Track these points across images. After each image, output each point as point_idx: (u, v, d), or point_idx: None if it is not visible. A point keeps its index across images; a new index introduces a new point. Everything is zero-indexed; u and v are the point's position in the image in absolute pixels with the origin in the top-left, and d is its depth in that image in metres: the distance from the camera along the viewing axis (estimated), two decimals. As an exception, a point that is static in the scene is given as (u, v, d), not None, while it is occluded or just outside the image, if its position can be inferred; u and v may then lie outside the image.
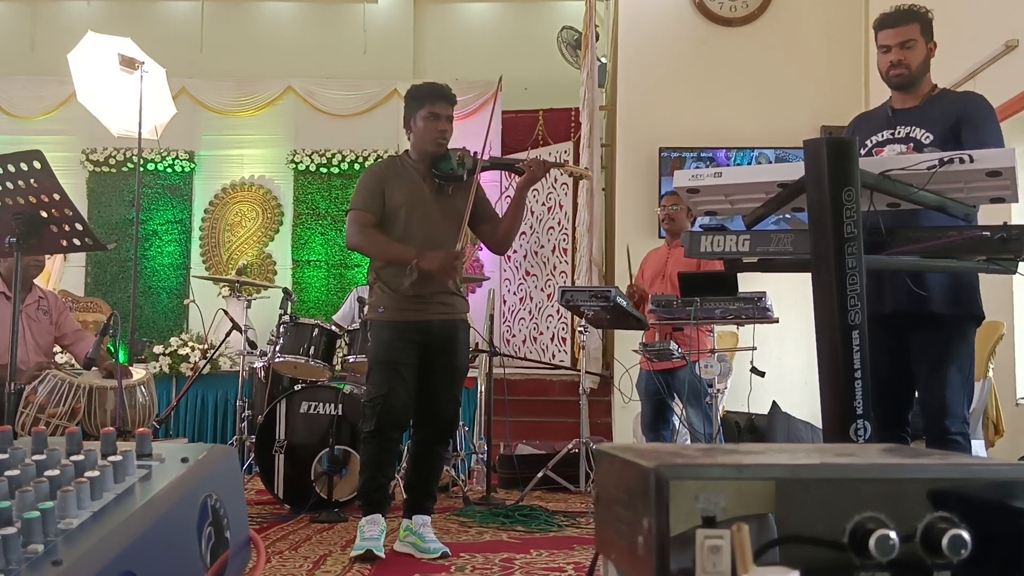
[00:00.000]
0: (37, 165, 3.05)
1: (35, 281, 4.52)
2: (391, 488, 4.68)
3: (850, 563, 1.06)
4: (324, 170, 9.34)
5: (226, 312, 5.67)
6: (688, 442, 4.88)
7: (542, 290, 8.46)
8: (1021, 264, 2.41)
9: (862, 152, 3.06)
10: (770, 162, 6.95)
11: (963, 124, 2.97)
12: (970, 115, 3.00)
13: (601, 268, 7.46)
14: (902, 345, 3.04)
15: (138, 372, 4.45)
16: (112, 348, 4.23)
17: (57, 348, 4.76)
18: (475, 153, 3.54)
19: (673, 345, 4.60)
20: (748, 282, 4.23)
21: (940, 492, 1.09)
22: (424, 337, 3.42)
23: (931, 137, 2.99)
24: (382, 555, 3.21)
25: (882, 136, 3.10)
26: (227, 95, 9.43)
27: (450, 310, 3.48)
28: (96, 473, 1.24)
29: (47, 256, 4.59)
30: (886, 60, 3.09)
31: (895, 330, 3.00)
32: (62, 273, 8.84)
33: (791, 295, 4.43)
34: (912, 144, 2.98)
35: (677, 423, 5.00)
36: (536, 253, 8.54)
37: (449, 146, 3.52)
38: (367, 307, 3.59)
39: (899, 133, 3.06)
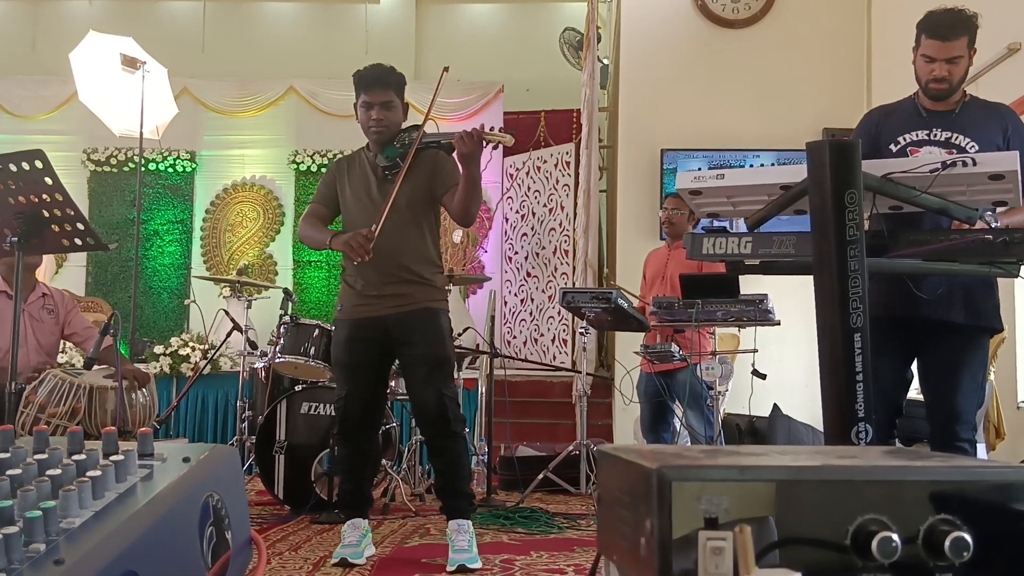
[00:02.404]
0: (39, 164, 3.05)
1: (38, 279, 4.51)
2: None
3: (852, 565, 1.06)
4: (325, 171, 9.33)
5: (227, 312, 5.66)
6: (688, 444, 4.88)
7: (543, 291, 8.46)
8: (1023, 268, 2.41)
9: (893, 149, 3.05)
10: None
11: (1012, 139, 2.94)
12: (1017, 131, 2.98)
13: (596, 269, 7.45)
14: (907, 350, 3.05)
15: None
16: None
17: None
18: (419, 132, 3.33)
19: (674, 347, 4.60)
20: (750, 284, 4.22)
21: (942, 494, 1.09)
22: (380, 334, 3.31)
23: (976, 146, 2.94)
24: (360, 561, 3.16)
25: (916, 135, 3.04)
26: (229, 95, 9.43)
27: (404, 301, 3.29)
28: (98, 472, 1.24)
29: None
30: (928, 70, 2.98)
31: (905, 334, 3.00)
32: (52, 275, 8.83)
33: (792, 297, 4.43)
34: (955, 151, 2.92)
35: (677, 425, 5.00)
36: (537, 255, 8.55)
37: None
38: None
39: (936, 135, 3.01)
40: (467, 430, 5.69)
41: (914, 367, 3.15)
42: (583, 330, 5.20)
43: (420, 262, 3.35)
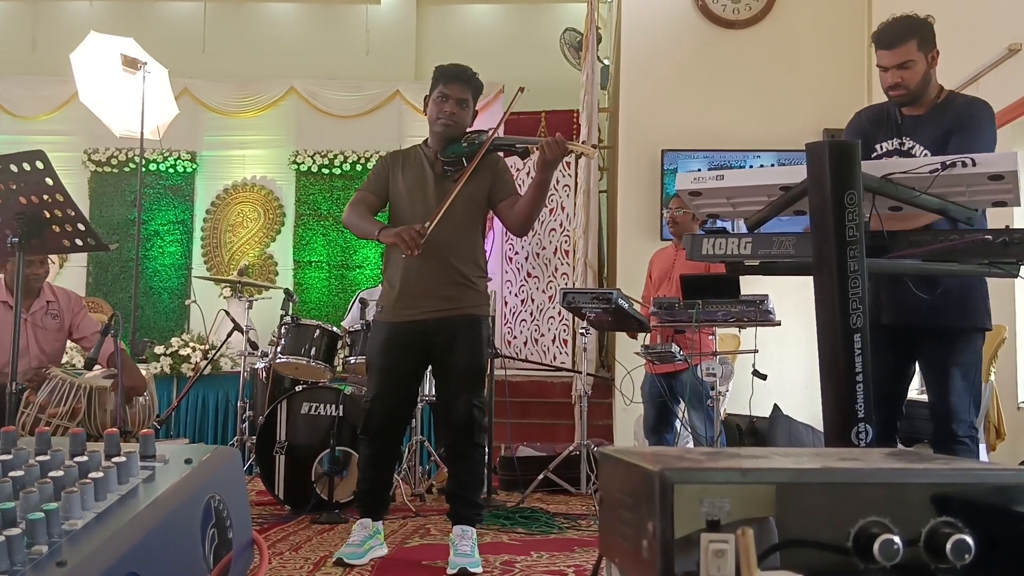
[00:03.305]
0: (39, 165, 3.05)
1: (47, 281, 4.50)
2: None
3: (854, 568, 1.07)
4: (326, 171, 9.34)
5: (227, 313, 5.67)
6: (691, 445, 4.87)
7: (543, 292, 8.45)
8: (1023, 268, 2.42)
9: (872, 157, 3.07)
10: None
11: (953, 133, 2.95)
12: (961, 124, 2.97)
13: (595, 270, 7.45)
14: (903, 353, 3.07)
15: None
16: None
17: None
18: (492, 134, 3.34)
19: (675, 347, 4.60)
20: (750, 285, 4.22)
21: (944, 497, 1.09)
22: (422, 338, 3.29)
23: (926, 152, 2.99)
24: (356, 562, 3.15)
25: (891, 144, 3.09)
26: (229, 95, 9.43)
27: (450, 305, 3.27)
28: (100, 474, 1.24)
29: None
30: (885, 79, 3.04)
31: (899, 337, 3.02)
32: (55, 275, 8.83)
33: (793, 298, 4.43)
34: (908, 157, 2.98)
35: (679, 426, 5.00)
36: (538, 255, 8.54)
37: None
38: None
39: (905, 144, 3.06)
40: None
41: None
42: (583, 331, 5.20)
43: (469, 264, 3.33)
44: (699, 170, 2.76)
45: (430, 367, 3.48)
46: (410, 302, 3.30)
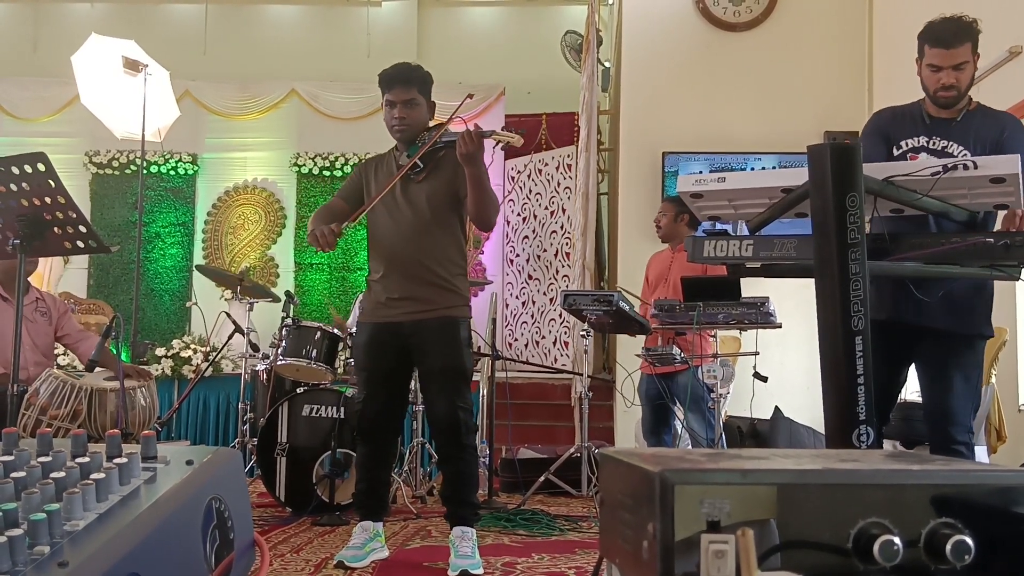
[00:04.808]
0: (41, 167, 3.05)
1: (31, 283, 4.53)
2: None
3: (854, 568, 1.07)
4: (327, 173, 9.34)
5: (228, 315, 5.66)
6: (689, 446, 4.87)
7: (544, 294, 8.46)
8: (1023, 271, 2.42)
9: (895, 153, 3.06)
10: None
11: (1008, 139, 2.94)
12: (1013, 136, 2.96)
13: (593, 272, 7.45)
14: (896, 355, 3.05)
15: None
16: (115, 349, 4.23)
17: (59, 349, 4.76)
18: (438, 131, 3.32)
19: (676, 349, 4.60)
20: (751, 287, 4.23)
21: (944, 498, 1.10)
22: (398, 339, 3.30)
23: (968, 156, 2.96)
24: (357, 565, 3.15)
25: (918, 141, 3.06)
26: (230, 98, 9.43)
27: (423, 307, 3.27)
28: (101, 475, 1.25)
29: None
30: (935, 79, 2.99)
31: (895, 338, 3.00)
32: (60, 275, 8.85)
33: (793, 299, 4.44)
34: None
35: (679, 427, 4.99)
36: (539, 257, 8.55)
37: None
38: None
39: (935, 144, 3.03)
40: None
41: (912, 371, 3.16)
42: (584, 333, 5.20)
43: (442, 263, 3.31)
44: (700, 172, 2.76)
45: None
46: (387, 303, 3.33)
